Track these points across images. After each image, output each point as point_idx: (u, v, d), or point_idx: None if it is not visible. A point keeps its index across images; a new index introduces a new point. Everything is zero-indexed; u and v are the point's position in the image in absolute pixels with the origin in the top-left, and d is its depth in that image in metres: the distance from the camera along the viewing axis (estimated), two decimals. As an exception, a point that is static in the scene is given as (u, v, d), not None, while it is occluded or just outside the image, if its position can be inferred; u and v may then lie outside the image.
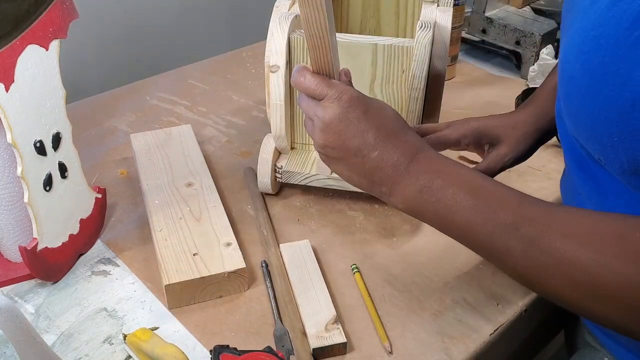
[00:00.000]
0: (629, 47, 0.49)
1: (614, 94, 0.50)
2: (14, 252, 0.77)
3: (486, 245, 0.54)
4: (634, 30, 0.48)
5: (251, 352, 0.60)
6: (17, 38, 0.64)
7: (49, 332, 0.71)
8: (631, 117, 0.50)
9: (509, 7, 1.30)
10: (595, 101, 0.53)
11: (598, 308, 0.50)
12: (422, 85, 0.79)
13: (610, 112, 0.51)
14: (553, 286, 0.51)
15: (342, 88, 0.60)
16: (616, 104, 0.51)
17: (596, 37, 0.52)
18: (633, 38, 0.49)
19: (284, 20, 0.81)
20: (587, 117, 0.55)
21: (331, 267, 0.79)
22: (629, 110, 0.50)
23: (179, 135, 0.98)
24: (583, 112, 0.55)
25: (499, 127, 0.78)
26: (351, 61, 0.80)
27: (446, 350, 0.69)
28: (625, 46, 0.49)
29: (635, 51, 0.48)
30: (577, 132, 0.59)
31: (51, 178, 0.72)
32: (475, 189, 0.55)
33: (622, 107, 0.50)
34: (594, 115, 0.54)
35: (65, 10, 0.71)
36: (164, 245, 0.77)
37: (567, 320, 0.86)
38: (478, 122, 0.79)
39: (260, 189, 0.89)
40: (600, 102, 0.52)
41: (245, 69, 1.26)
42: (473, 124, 0.79)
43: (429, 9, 0.88)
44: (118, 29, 1.34)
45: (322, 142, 0.61)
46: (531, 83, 1.18)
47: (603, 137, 0.53)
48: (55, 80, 0.71)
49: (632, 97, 0.49)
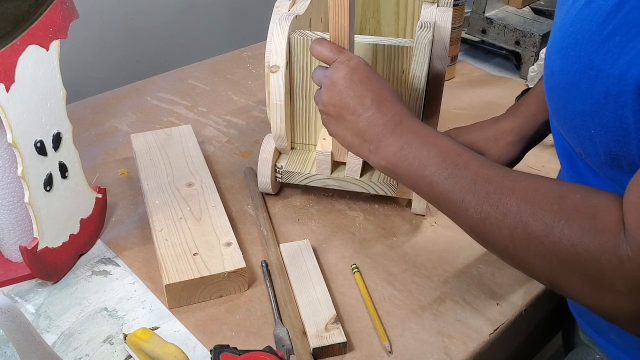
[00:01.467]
0: (601, 41, 0.51)
1: (589, 87, 0.52)
2: (14, 252, 0.77)
3: (447, 198, 0.58)
4: (607, 25, 0.50)
5: (251, 352, 0.61)
6: (18, 38, 0.65)
7: (50, 331, 0.71)
8: (605, 110, 0.51)
9: (509, 7, 1.30)
10: (572, 95, 0.54)
11: (535, 262, 0.53)
12: (422, 85, 0.79)
13: (586, 105, 0.53)
14: (500, 240, 0.55)
15: (351, 55, 0.68)
16: (590, 97, 0.52)
17: (574, 33, 0.54)
18: (605, 33, 0.50)
19: (284, 21, 0.81)
20: (566, 111, 0.57)
21: (331, 267, 0.79)
22: (603, 102, 0.51)
23: (180, 135, 0.98)
24: (563, 105, 0.57)
25: (479, 141, 0.77)
26: (351, 61, 0.80)
27: (446, 350, 0.69)
28: (598, 40, 0.51)
29: (606, 45, 0.50)
30: (560, 126, 0.60)
31: (52, 178, 0.72)
32: (446, 150, 0.60)
33: (596, 100, 0.52)
34: (572, 108, 0.55)
35: (65, 10, 0.71)
36: (164, 245, 0.77)
37: (565, 320, 0.87)
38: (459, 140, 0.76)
39: (260, 189, 0.89)
40: (577, 96, 0.54)
41: (245, 69, 1.26)
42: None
43: (429, 9, 0.88)
44: (118, 29, 1.34)
45: (325, 100, 0.68)
46: (531, 83, 1.18)
47: (581, 130, 0.55)
48: (55, 80, 0.71)
49: (604, 90, 0.51)
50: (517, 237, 0.53)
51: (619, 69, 0.49)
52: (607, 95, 0.51)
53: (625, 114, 0.50)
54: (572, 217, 0.50)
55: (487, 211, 0.55)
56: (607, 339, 0.70)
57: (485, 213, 0.55)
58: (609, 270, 0.48)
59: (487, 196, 0.55)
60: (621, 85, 0.49)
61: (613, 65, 0.50)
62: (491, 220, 0.55)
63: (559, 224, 0.51)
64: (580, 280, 0.51)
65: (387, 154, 0.63)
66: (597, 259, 0.49)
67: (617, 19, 0.50)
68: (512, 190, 0.54)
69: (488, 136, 0.77)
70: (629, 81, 0.49)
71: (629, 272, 0.47)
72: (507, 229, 0.54)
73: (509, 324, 0.73)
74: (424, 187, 0.61)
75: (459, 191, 0.57)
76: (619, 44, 0.49)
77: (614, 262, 0.48)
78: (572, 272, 0.51)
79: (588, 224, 0.50)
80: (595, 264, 0.49)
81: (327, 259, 0.81)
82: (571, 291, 0.53)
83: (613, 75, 0.50)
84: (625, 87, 0.49)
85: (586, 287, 0.51)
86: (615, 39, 0.50)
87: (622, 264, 0.47)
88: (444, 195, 0.59)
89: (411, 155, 0.61)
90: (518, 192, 0.54)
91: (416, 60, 0.78)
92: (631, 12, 0.49)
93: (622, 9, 0.49)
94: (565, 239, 0.50)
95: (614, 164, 0.53)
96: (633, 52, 0.48)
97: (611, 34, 0.50)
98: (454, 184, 0.58)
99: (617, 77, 0.49)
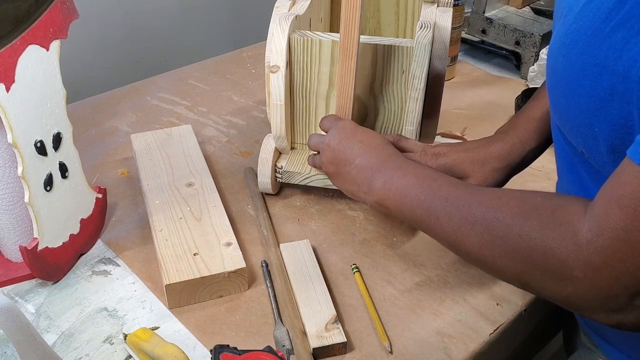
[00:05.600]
0: (604, 37, 0.51)
1: (593, 84, 0.52)
2: (14, 252, 0.77)
3: (426, 219, 0.64)
4: (610, 20, 0.50)
5: (251, 352, 0.61)
6: (18, 38, 0.65)
7: (50, 331, 0.71)
8: (610, 107, 0.51)
9: (509, 7, 1.30)
10: (575, 92, 0.54)
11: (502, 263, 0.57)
12: (422, 85, 0.79)
13: (590, 102, 0.53)
14: (471, 247, 0.59)
15: (342, 120, 0.79)
16: (595, 94, 0.52)
17: (577, 30, 0.54)
18: (609, 28, 0.50)
19: (284, 21, 0.81)
20: (569, 109, 0.57)
21: (331, 267, 0.79)
22: (608, 99, 0.51)
23: (180, 136, 0.98)
24: (566, 103, 0.57)
25: (466, 164, 0.77)
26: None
27: (446, 350, 0.69)
28: (602, 36, 0.51)
29: (610, 41, 0.50)
30: (562, 125, 0.60)
31: (52, 178, 0.72)
32: (423, 178, 0.66)
33: (600, 96, 0.52)
34: (575, 106, 0.55)
35: (65, 10, 0.71)
36: (164, 245, 0.77)
37: (566, 321, 0.87)
38: (447, 159, 0.78)
39: (260, 189, 0.89)
40: (580, 93, 0.54)
41: (245, 69, 1.26)
42: (441, 161, 0.78)
43: (429, 9, 0.88)
44: (119, 29, 1.34)
45: (325, 161, 0.77)
46: (531, 83, 1.18)
47: (585, 128, 0.55)
48: (55, 80, 0.71)
49: (610, 87, 0.51)
50: (483, 242, 0.58)
51: (623, 65, 0.49)
52: (613, 92, 0.50)
53: (631, 111, 0.50)
54: (531, 215, 0.54)
55: (458, 223, 0.60)
56: (609, 343, 0.70)
57: (456, 225, 0.60)
58: (567, 258, 0.51)
59: (457, 210, 0.60)
60: (627, 82, 0.49)
61: (617, 62, 0.49)
62: (462, 230, 0.60)
63: (519, 222, 0.55)
64: (543, 274, 0.54)
65: (376, 191, 0.69)
66: (556, 249, 0.51)
67: (620, 15, 0.49)
68: (479, 202, 0.59)
69: (476, 159, 0.77)
70: (634, 79, 0.48)
71: (587, 256, 0.50)
72: (475, 236, 0.58)
73: (509, 324, 0.73)
74: (407, 214, 0.66)
75: (434, 211, 0.63)
76: (622, 40, 0.49)
77: (572, 249, 0.51)
78: (534, 267, 0.54)
79: (547, 219, 0.53)
80: (554, 254, 0.52)
81: (327, 259, 0.81)
82: (537, 287, 0.56)
83: (618, 72, 0.50)
84: (631, 85, 0.49)
85: (548, 280, 0.53)
86: (618, 35, 0.49)
87: (580, 249, 0.50)
88: (424, 217, 0.64)
89: (394, 187, 0.67)
90: (484, 202, 0.59)
91: (416, 61, 0.78)
92: (634, 7, 0.48)
93: (625, 5, 0.49)
94: (525, 235, 0.54)
95: (616, 161, 0.53)
96: (636, 49, 0.48)
97: (614, 30, 0.50)
98: (430, 205, 0.63)
99: (622, 73, 0.49)
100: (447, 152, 0.78)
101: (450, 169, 0.77)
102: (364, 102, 0.86)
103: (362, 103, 0.86)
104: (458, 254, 0.63)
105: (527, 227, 0.54)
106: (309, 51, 0.82)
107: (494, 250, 0.57)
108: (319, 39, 0.81)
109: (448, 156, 0.78)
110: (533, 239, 0.53)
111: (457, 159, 0.78)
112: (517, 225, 0.55)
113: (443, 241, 0.64)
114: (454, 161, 0.77)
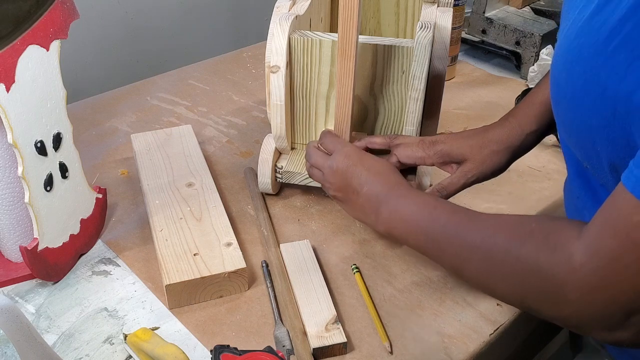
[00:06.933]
0: (606, 57, 0.50)
1: (595, 104, 0.52)
2: (14, 252, 0.77)
3: (429, 245, 0.65)
4: (612, 40, 0.49)
5: (251, 352, 0.60)
6: (18, 38, 0.65)
7: (50, 332, 0.71)
8: (612, 126, 0.51)
9: (509, 7, 1.30)
10: (578, 109, 0.54)
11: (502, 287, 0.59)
12: (422, 85, 0.79)
13: (593, 120, 0.53)
14: (470, 271, 0.61)
15: (347, 145, 0.77)
16: (598, 112, 0.52)
17: (579, 46, 0.53)
18: (610, 49, 0.49)
19: (284, 21, 0.81)
20: (572, 124, 0.57)
21: (331, 267, 0.79)
22: (610, 118, 0.51)
23: (180, 136, 0.98)
24: (569, 119, 0.57)
25: (464, 147, 0.77)
26: (351, 61, 0.81)
27: (446, 350, 0.69)
28: (604, 56, 0.50)
29: (612, 62, 0.49)
30: (567, 138, 0.60)
31: (52, 178, 0.72)
32: (425, 205, 0.67)
33: (602, 115, 0.51)
34: (579, 122, 0.55)
35: (66, 10, 0.71)
36: (164, 245, 0.77)
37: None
38: (444, 145, 0.78)
39: (260, 189, 0.89)
40: (583, 111, 0.54)
41: (245, 70, 1.26)
42: (439, 147, 0.78)
43: (429, 9, 0.88)
44: (119, 29, 1.34)
45: (335, 186, 0.75)
46: (531, 83, 1.18)
47: (587, 145, 0.55)
48: (55, 80, 0.71)
49: (612, 107, 0.50)
50: (483, 267, 0.59)
51: (626, 87, 0.48)
52: (616, 112, 0.50)
53: (633, 132, 0.49)
54: (527, 240, 0.55)
55: (458, 250, 0.61)
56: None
57: (456, 252, 0.62)
58: (563, 281, 0.51)
59: (456, 236, 0.61)
60: (629, 105, 0.48)
61: (620, 83, 0.49)
62: (463, 256, 0.61)
63: (516, 247, 0.55)
64: (540, 297, 0.55)
65: (383, 219, 0.69)
66: (552, 273, 0.52)
67: (621, 35, 0.48)
68: (476, 228, 0.60)
69: (474, 144, 0.77)
70: (635, 103, 0.48)
71: (582, 278, 0.50)
72: (475, 261, 0.60)
73: (509, 324, 0.73)
74: (412, 242, 0.67)
75: (435, 238, 0.64)
76: (624, 62, 0.48)
77: (567, 272, 0.51)
78: (532, 290, 0.55)
79: (542, 243, 0.54)
80: (550, 277, 0.52)
81: (327, 259, 0.81)
82: (536, 309, 0.57)
83: (620, 94, 0.49)
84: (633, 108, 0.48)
85: (546, 302, 0.54)
86: (620, 57, 0.48)
87: (574, 272, 0.51)
88: (427, 245, 0.65)
89: (398, 216, 0.68)
90: (481, 228, 0.60)
91: (416, 61, 0.78)
92: (635, 28, 0.47)
93: (626, 24, 0.48)
94: (522, 259, 0.55)
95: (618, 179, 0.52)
96: (638, 73, 0.47)
97: (616, 51, 0.49)
98: (431, 232, 0.65)
99: (624, 97, 0.48)
100: (445, 140, 0.79)
101: (448, 154, 0.78)
102: (364, 103, 0.86)
103: (362, 103, 0.86)
104: (462, 279, 0.65)
105: (523, 252, 0.55)
106: (309, 51, 0.82)
107: (494, 275, 0.58)
108: (319, 39, 0.81)
109: (446, 143, 0.78)
110: (529, 263, 0.54)
111: (454, 144, 0.78)
112: (514, 250, 0.56)
113: (447, 267, 0.66)
114: (451, 146, 0.78)
